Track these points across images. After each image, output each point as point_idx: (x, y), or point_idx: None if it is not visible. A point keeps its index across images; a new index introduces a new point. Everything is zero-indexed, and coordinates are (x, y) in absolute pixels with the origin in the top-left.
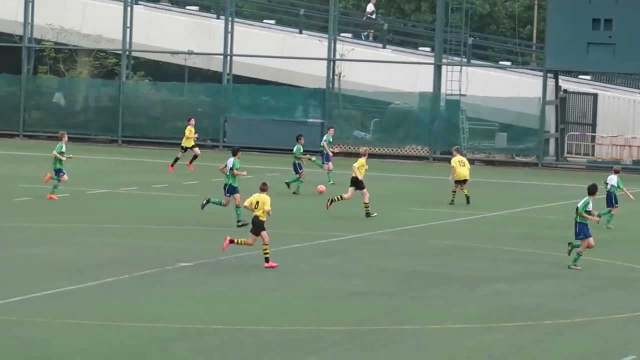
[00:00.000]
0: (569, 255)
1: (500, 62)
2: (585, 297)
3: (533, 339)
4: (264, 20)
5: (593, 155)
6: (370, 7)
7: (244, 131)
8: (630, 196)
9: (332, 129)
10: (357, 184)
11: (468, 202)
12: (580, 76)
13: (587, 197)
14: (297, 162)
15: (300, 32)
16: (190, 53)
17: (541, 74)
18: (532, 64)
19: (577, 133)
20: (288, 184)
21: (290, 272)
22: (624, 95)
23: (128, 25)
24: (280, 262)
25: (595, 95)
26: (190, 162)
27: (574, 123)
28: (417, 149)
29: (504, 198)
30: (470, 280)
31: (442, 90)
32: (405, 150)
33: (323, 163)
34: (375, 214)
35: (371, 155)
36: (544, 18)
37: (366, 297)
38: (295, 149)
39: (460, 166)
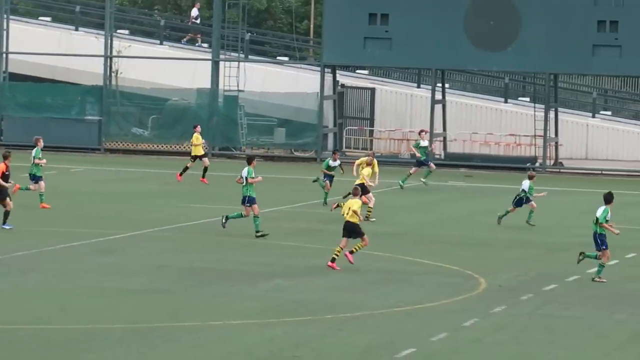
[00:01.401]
0: (578, 263)
1: (278, 58)
2: (365, 291)
3: (314, 333)
4: (40, 18)
5: (371, 149)
6: (194, 12)
7: (21, 130)
8: (542, 194)
9: (424, 132)
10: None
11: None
12: (357, 71)
13: (605, 206)
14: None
15: (77, 29)
16: None
17: (319, 69)
18: (309, 59)
19: (356, 127)
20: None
21: (69, 270)
22: (401, 89)
23: None
24: (60, 261)
25: (372, 90)
26: (180, 174)
27: (352, 117)
28: None
29: (284, 193)
30: (250, 276)
31: (220, 86)
32: (184, 147)
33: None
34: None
35: (149, 152)
36: (321, 13)
37: (146, 294)
38: (324, 163)
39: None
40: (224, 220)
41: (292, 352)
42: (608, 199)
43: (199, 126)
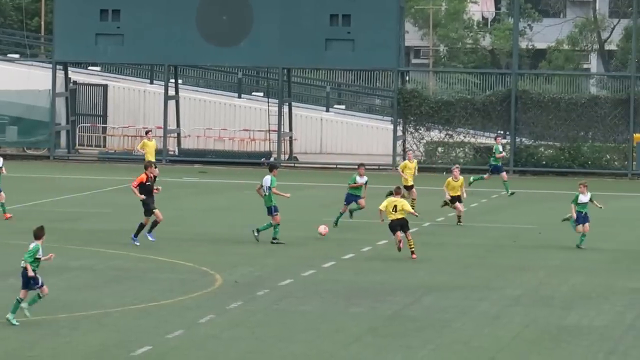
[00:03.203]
0: None
1: (9, 55)
2: (100, 289)
3: (47, 332)
4: None
5: (105, 146)
6: None
7: None
8: (599, 205)
9: (500, 138)
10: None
11: None
12: (90, 67)
13: None
14: (350, 191)
15: None
16: None
17: (50, 66)
18: (41, 56)
19: (89, 124)
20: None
21: None
22: (134, 85)
23: None
24: None
25: (105, 86)
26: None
27: (85, 115)
28: None
29: (17, 192)
30: None
31: None
32: None
33: (490, 174)
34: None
35: None
36: (52, 10)
37: None
38: (351, 179)
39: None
40: (256, 234)
41: (27, 351)
42: None
43: (149, 133)
